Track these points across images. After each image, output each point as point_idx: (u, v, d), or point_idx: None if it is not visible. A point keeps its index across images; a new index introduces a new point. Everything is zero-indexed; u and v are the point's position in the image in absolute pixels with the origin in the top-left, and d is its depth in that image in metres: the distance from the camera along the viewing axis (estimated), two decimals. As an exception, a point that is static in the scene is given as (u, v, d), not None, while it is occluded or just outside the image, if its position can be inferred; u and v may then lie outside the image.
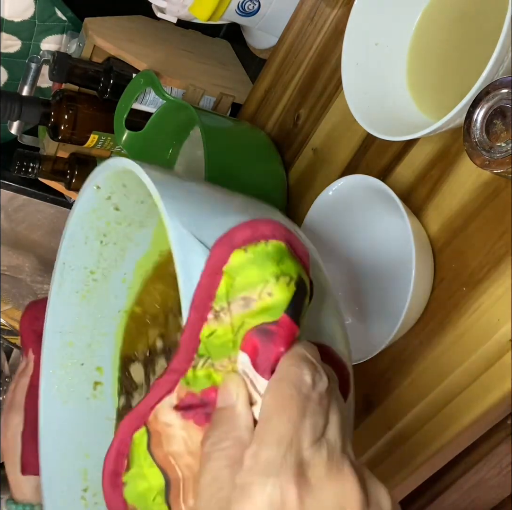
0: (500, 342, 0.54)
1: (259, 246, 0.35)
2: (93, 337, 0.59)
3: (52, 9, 0.98)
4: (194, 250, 0.38)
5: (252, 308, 0.35)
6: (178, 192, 0.45)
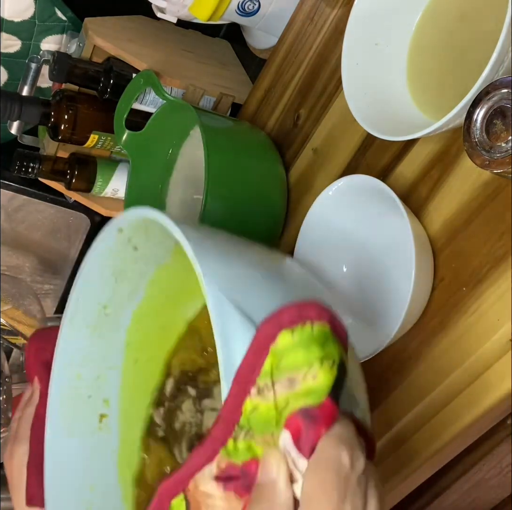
0: (500, 342, 0.54)
1: (306, 329, 0.37)
2: (101, 370, 0.59)
3: (52, 9, 0.98)
4: (233, 319, 0.40)
5: (296, 389, 0.36)
6: (215, 253, 0.46)
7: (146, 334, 0.60)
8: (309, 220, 0.68)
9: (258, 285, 0.46)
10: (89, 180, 0.95)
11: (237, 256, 0.49)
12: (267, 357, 0.36)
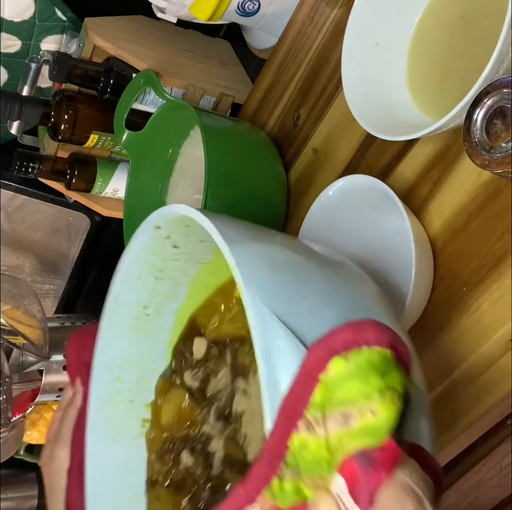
0: (500, 342, 0.54)
1: (362, 354, 0.31)
2: (142, 373, 0.58)
3: (52, 9, 0.98)
4: (278, 337, 0.35)
5: (352, 427, 0.31)
6: (258, 259, 0.42)
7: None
8: (309, 220, 0.68)
9: (308, 295, 0.42)
10: (89, 180, 0.95)
11: (283, 260, 0.45)
12: (317, 387, 0.31)
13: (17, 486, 1.34)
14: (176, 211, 0.48)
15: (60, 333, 1.00)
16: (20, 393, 1.00)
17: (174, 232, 0.51)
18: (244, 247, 0.43)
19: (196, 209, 0.45)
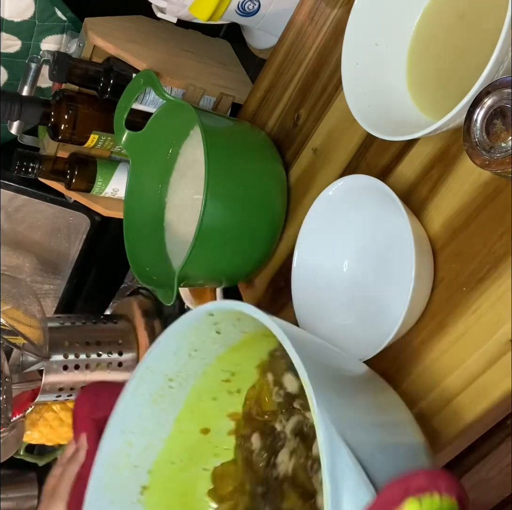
0: (500, 342, 0.54)
1: (434, 500, 0.33)
2: (151, 441, 0.60)
3: (52, 9, 0.98)
4: (344, 461, 0.39)
5: None
6: (328, 379, 0.47)
7: (201, 408, 0.61)
8: (309, 220, 0.68)
9: (373, 426, 0.46)
10: (89, 180, 0.95)
11: (350, 387, 0.50)
12: None
13: (18, 486, 1.34)
14: (246, 311, 0.50)
15: (60, 333, 1.00)
16: (20, 393, 1.00)
17: (224, 321, 0.54)
18: (314, 362, 0.47)
19: (268, 317, 0.48)
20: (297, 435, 0.57)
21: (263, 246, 0.79)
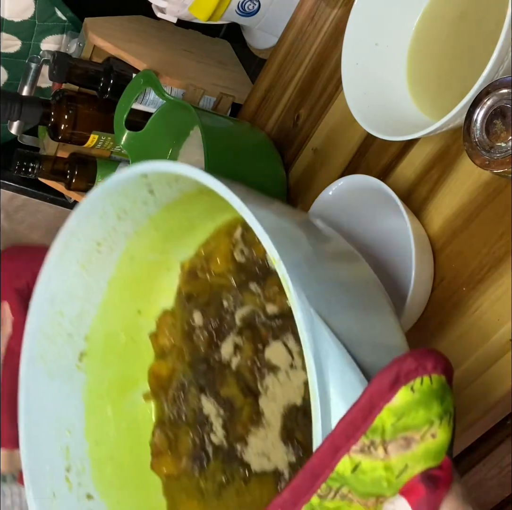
0: (500, 342, 0.54)
1: (425, 384, 0.33)
2: (84, 307, 0.57)
3: (52, 9, 0.98)
4: (325, 339, 0.37)
5: (413, 450, 0.33)
6: (299, 255, 0.42)
7: (134, 270, 0.58)
8: (309, 220, 0.68)
9: (346, 297, 0.43)
10: (89, 180, 0.95)
11: (319, 256, 0.46)
12: (380, 414, 0.32)
13: None
14: (187, 173, 0.46)
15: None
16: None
17: (159, 181, 0.50)
18: (279, 230, 0.42)
19: (215, 178, 0.44)
20: (246, 329, 0.54)
21: (263, 246, 0.79)
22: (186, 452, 0.58)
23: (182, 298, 0.61)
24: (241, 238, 0.56)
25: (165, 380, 0.61)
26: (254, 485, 0.54)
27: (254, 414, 0.53)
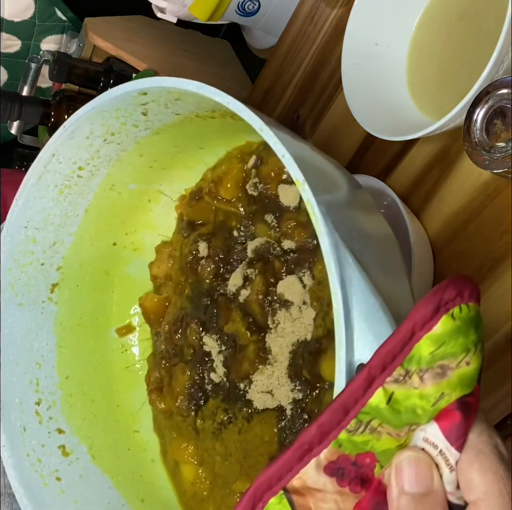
0: (500, 342, 0.54)
1: (464, 311, 0.33)
2: (59, 235, 0.55)
3: (52, 9, 0.98)
4: (349, 265, 0.37)
5: (449, 377, 0.33)
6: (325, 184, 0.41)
7: (114, 199, 0.56)
8: (309, 220, 0.68)
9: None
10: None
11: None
12: (418, 343, 0.32)
13: None
14: (192, 88, 0.44)
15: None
16: None
17: (156, 101, 0.47)
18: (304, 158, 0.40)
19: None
20: (258, 261, 0.52)
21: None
22: (182, 391, 0.57)
23: (182, 226, 0.58)
24: (255, 171, 0.52)
25: (159, 313, 0.60)
26: (255, 422, 0.53)
27: (261, 351, 0.52)
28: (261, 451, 0.52)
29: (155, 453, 0.60)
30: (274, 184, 0.51)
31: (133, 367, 0.63)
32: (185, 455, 0.57)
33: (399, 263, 0.48)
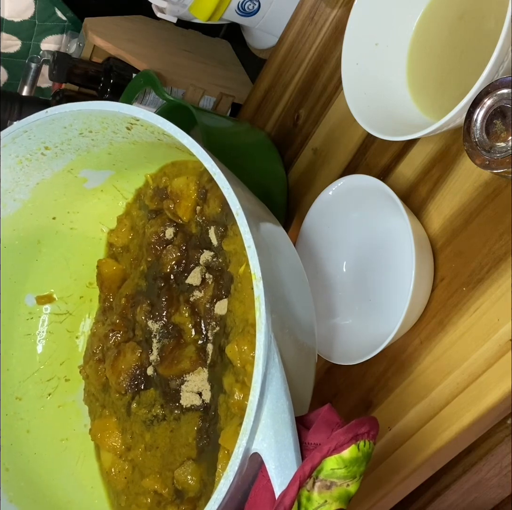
0: (500, 342, 0.54)
1: (367, 446, 0.41)
2: (4, 199, 0.58)
3: (52, 9, 0.98)
4: (274, 365, 0.42)
5: (331, 492, 0.41)
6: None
7: (67, 181, 0.59)
8: (310, 220, 0.68)
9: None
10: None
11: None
12: (329, 458, 0.40)
13: None
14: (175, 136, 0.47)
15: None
16: None
17: (144, 126, 0.50)
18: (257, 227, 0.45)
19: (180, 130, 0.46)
20: (215, 270, 0.54)
21: (263, 246, 0.79)
22: (127, 369, 0.58)
23: (146, 208, 0.61)
24: (199, 209, 0.56)
25: (114, 281, 0.62)
26: (183, 422, 0.55)
27: (201, 352, 0.54)
28: (182, 452, 0.55)
29: (31, 424, 0.63)
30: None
31: (33, 336, 0.65)
32: (108, 436, 0.58)
33: (312, 339, 0.52)
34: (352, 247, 0.68)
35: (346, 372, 0.67)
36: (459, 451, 0.61)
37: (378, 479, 0.62)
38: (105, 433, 0.59)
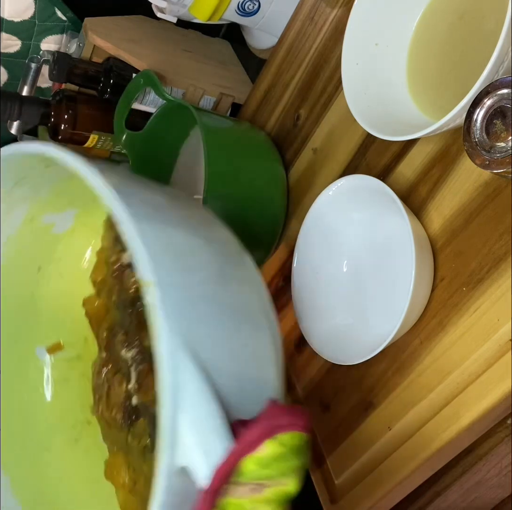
0: (500, 342, 0.54)
1: (294, 439, 0.36)
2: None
3: (52, 9, 0.98)
4: (189, 379, 0.37)
5: (263, 494, 0.36)
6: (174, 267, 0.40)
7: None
8: (309, 220, 0.68)
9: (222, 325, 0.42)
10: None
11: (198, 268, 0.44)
12: (243, 465, 0.35)
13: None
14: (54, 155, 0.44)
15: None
16: None
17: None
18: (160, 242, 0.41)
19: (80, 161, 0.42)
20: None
21: (263, 246, 0.79)
22: (117, 403, 0.57)
23: (111, 237, 0.60)
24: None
25: (99, 317, 0.61)
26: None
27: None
28: None
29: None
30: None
31: (51, 387, 0.64)
32: (116, 474, 0.58)
33: (261, 332, 0.47)
34: (352, 247, 0.68)
35: (346, 372, 0.67)
36: (459, 451, 0.61)
37: (378, 479, 0.62)
38: (114, 471, 0.58)
